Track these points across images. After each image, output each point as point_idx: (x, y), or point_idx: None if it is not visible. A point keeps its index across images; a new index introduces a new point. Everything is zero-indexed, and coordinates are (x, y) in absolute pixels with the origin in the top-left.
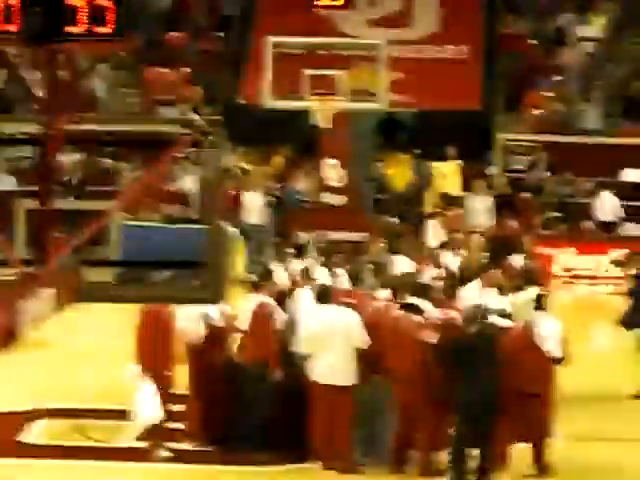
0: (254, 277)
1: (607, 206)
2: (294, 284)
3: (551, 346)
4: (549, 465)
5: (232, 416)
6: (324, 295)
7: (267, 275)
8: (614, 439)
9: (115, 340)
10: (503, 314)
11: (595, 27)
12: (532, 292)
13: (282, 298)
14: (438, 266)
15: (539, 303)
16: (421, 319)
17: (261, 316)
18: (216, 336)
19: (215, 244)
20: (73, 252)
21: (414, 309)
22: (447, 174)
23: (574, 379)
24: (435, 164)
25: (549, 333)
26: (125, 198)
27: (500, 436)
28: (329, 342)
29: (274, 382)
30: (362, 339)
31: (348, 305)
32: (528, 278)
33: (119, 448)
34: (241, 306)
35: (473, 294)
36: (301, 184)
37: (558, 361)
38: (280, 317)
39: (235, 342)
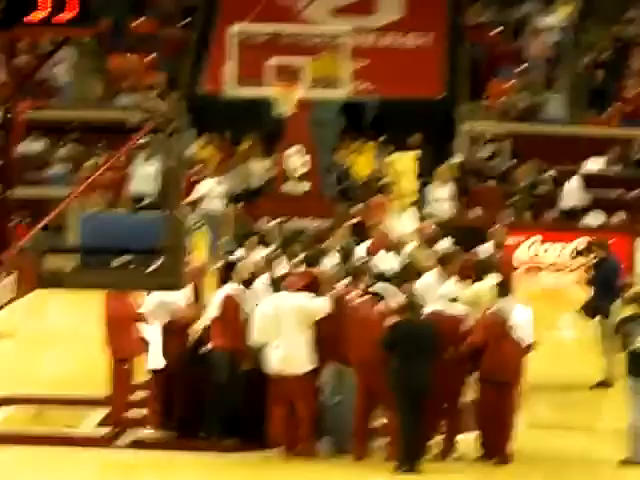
0: (219, 265)
1: (574, 194)
2: (255, 272)
3: (524, 333)
4: (511, 454)
5: (196, 403)
6: (277, 283)
7: (234, 263)
8: (575, 428)
9: (78, 326)
10: (454, 300)
11: (560, 16)
12: (492, 280)
13: (247, 286)
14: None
15: (503, 289)
16: (383, 305)
17: (230, 305)
18: (179, 323)
19: (175, 231)
20: (34, 239)
21: (376, 295)
22: (403, 165)
23: (537, 368)
24: (393, 155)
25: (521, 320)
26: (87, 185)
27: (453, 424)
28: (281, 330)
29: (240, 371)
30: (317, 310)
31: (303, 289)
32: (488, 267)
33: (83, 435)
34: (210, 294)
35: (428, 282)
36: (265, 171)
37: (530, 348)
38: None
39: (200, 329)
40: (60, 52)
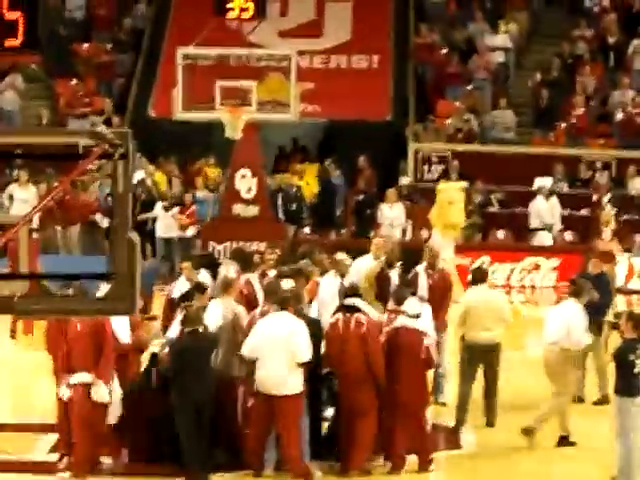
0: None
1: (544, 210)
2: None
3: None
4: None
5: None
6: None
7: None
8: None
9: (27, 353)
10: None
11: (505, 36)
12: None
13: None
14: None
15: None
16: (365, 318)
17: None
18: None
19: (127, 256)
20: None
21: (355, 309)
22: (449, 195)
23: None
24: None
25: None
26: (36, 210)
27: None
28: (268, 352)
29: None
30: (306, 352)
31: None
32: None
33: (33, 461)
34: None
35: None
36: (213, 195)
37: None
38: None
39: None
40: (6, 78)
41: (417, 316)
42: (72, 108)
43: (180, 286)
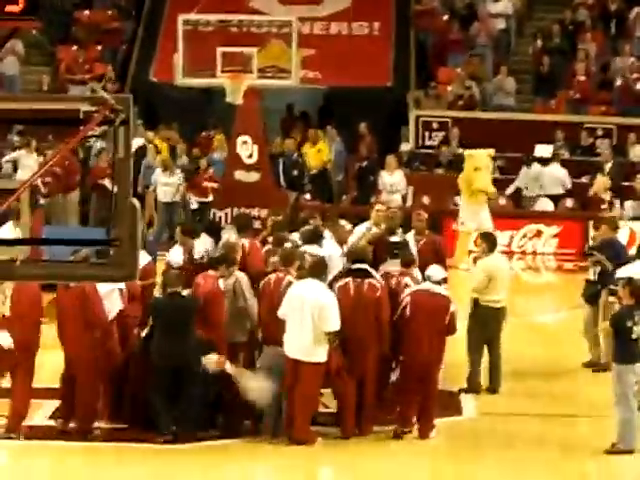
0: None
1: (552, 179)
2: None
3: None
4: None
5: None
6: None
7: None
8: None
9: None
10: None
11: (507, 3)
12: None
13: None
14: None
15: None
16: (379, 284)
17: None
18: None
19: (129, 220)
20: None
21: (364, 273)
22: (478, 161)
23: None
24: (468, 152)
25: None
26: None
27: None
28: (297, 318)
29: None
30: (334, 322)
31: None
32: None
33: (35, 426)
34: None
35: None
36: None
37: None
38: None
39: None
40: (7, 44)
41: (441, 282)
42: (72, 74)
43: (176, 252)
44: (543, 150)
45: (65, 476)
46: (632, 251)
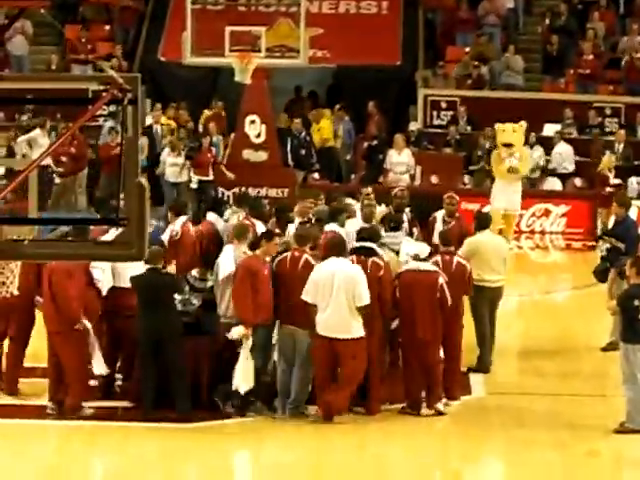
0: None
1: (563, 157)
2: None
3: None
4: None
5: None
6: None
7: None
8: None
9: None
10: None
11: None
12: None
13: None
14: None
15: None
16: (382, 262)
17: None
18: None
19: (137, 200)
20: None
21: (369, 252)
22: (507, 136)
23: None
24: (497, 126)
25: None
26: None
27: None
28: (330, 296)
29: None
30: (366, 296)
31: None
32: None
33: (39, 406)
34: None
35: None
36: (222, 140)
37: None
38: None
39: None
40: (16, 24)
41: (427, 258)
42: (76, 54)
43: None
44: (551, 130)
45: (70, 456)
46: None
